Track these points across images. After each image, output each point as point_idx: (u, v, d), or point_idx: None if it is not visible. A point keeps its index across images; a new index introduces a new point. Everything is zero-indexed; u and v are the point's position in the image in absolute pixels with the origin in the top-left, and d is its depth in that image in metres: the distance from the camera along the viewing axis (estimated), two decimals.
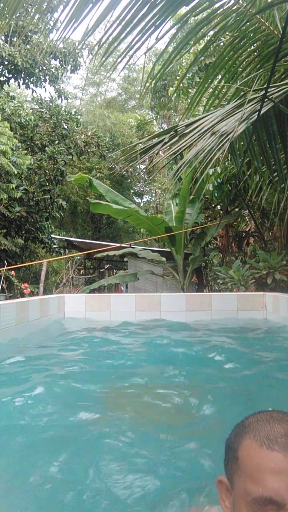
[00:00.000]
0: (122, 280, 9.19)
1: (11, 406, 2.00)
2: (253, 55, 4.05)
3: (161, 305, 5.58)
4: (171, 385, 2.44)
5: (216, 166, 7.24)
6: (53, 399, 2.13)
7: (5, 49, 11.06)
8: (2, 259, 10.38)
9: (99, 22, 2.44)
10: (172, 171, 7.82)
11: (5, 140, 8.68)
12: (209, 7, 3.03)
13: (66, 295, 5.92)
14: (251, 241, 10.27)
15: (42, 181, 11.02)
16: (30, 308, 4.54)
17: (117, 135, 19.53)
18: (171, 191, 10.70)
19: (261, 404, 2.06)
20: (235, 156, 4.13)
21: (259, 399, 2.21)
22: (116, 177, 19.21)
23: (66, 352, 3.55)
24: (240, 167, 4.31)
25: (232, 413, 1.90)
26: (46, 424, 1.82)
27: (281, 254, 6.82)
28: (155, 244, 14.38)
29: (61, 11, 2.41)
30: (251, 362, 3.02)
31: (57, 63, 12.46)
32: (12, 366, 2.95)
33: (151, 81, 3.92)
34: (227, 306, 5.51)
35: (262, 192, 6.77)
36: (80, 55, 12.94)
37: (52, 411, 1.97)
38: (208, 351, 3.32)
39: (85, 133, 12.06)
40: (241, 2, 3.35)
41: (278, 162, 3.65)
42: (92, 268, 17.50)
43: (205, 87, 4.06)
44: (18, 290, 10.23)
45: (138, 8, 2.47)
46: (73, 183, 15.06)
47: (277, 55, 2.66)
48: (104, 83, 25.64)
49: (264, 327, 4.85)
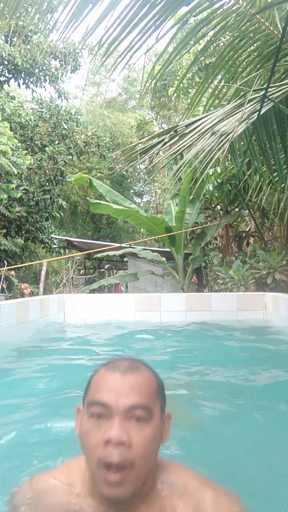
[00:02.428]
0: (122, 280, 9.19)
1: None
2: (253, 55, 4.04)
3: (161, 305, 5.58)
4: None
5: (216, 166, 7.23)
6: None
7: (5, 49, 11.06)
8: (2, 259, 10.39)
9: (99, 22, 2.44)
10: (172, 171, 7.82)
11: (5, 140, 8.69)
12: (209, 7, 3.03)
13: (66, 295, 5.92)
14: (251, 241, 10.27)
15: (42, 181, 11.02)
16: (30, 308, 4.54)
17: (117, 135, 19.52)
18: (171, 191, 10.69)
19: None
20: (235, 156, 4.13)
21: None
22: (116, 177, 19.21)
23: (65, 354, 3.55)
24: (240, 167, 4.31)
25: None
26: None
27: (281, 254, 6.82)
28: (155, 244, 14.38)
29: (61, 11, 2.41)
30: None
31: (57, 63, 12.46)
32: (12, 365, 2.95)
33: (151, 81, 3.91)
34: (227, 306, 5.51)
35: (262, 192, 6.76)
36: (80, 55, 12.94)
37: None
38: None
39: (85, 133, 12.06)
40: (241, 2, 3.35)
41: (278, 162, 3.65)
42: (92, 268, 17.50)
43: (205, 87, 4.06)
44: (18, 290, 10.23)
45: (138, 8, 2.47)
46: (73, 183, 15.05)
47: (277, 55, 2.66)
48: (104, 83, 25.66)
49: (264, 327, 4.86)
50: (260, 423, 1.84)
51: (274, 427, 1.79)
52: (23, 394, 2.30)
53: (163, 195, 18.77)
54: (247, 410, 1.99)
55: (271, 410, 1.99)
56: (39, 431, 1.69)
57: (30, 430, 1.68)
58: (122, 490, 0.79)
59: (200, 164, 3.15)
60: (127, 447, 0.79)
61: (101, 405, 0.82)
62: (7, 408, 2.06)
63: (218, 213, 10.02)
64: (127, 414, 0.81)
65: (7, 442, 1.57)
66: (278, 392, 2.32)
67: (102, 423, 0.82)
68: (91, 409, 0.84)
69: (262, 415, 1.90)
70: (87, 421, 0.84)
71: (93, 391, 0.86)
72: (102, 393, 0.84)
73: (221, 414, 1.96)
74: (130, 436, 0.80)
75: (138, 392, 0.84)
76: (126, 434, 0.79)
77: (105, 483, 0.79)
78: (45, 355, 3.40)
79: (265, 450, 1.57)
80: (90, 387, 0.89)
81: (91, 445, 0.81)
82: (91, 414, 0.83)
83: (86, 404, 0.86)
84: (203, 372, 2.84)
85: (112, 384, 0.85)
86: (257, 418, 1.88)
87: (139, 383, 0.86)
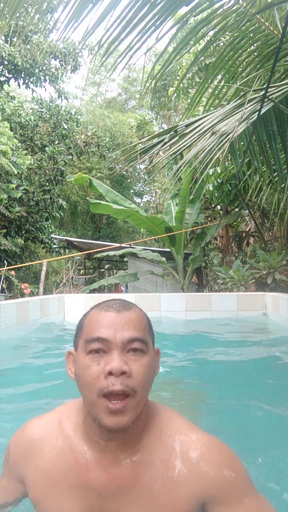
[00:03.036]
0: (122, 280, 9.19)
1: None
2: (253, 55, 4.04)
3: (161, 305, 5.58)
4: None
5: (216, 166, 7.24)
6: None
7: (5, 49, 11.05)
8: (2, 259, 10.38)
9: (99, 22, 2.44)
10: (172, 171, 7.82)
11: (5, 140, 8.68)
12: (209, 7, 3.03)
13: (66, 295, 5.92)
14: (251, 241, 10.27)
15: (42, 181, 11.01)
16: (30, 308, 4.54)
17: (117, 135, 19.52)
18: (171, 191, 10.69)
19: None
20: (235, 156, 4.13)
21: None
22: (116, 177, 19.21)
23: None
24: (240, 167, 4.30)
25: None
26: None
27: (281, 254, 6.82)
28: (155, 244, 14.37)
29: (61, 11, 2.41)
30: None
31: (57, 63, 12.46)
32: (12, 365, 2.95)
33: (151, 81, 3.91)
34: (227, 306, 5.51)
35: (262, 192, 6.76)
36: (80, 55, 12.94)
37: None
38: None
39: (85, 133, 12.05)
40: (241, 2, 3.35)
41: (278, 162, 3.64)
42: (92, 268, 17.49)
43: (205, 87, 4.06)
44: (18, 290, 10.24)
45: (138, 8, 2.47)
46: (73, 183, 15.06)
47: (277, 55, 2.66)
48: (104, 83, 25.65)
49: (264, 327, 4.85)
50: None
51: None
52: (23, 394, 2.30)
53: (163, 195, 18.77)
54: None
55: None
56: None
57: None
58: (124, 418, 0.83)
59: (200, 164, 3.15)
60: (128, 376, 0.84)
61: (100, 341, 0.86)
62: (7, 408, 2.06)
63: (218, 213, 10.02)
64: (125, 347, 0.86)
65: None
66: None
67: (101, 357, 0.86)
68: (90, 345, 0.87)
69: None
70: (84, 358, 0.87)
71: (90, 330, 0.89)
72: (100, 330, 0.87)
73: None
74: (129, 366, 0.85)
75: (133, 327, 0.89)
76: (126, 365, 0.84)
77: (107, 413, 0.83)
78: (45, 355, 3.40)
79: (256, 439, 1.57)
80: (84, 328, 0.92)
81: (91, 378, 0.85)
82: (90, 350, 0.87)
83: (83, 342, 0.89)
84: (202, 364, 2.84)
85: (110, 320, 0.89)
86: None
87: (133, 319, 0.91)
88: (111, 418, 0.83)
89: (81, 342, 0.91)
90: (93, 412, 0.86)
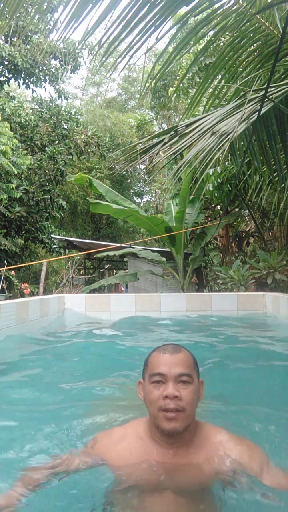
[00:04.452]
0: (122, 280, 9.19)
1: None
2: (253, 55, 4.05)
3: (161, 305, 5.58)
4: None
5: (216, 166, 7.24)
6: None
7: (5, 49, 11.05)
8: (2, 259, 10.38)
9: (99, 22, 2.44)
10: (172, 171, 7.82)
11: (5, 140, 8.68)
12: (209, 7, 3.03)
13: (66, 295, 5.92)
14: (251, 241, 10.27)
15: (42, 181, 11.01)
16: (30, 308, 4.54)
17: (117, 135, 19.52)
18: (171, 191, 10.70)
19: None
20: (235, 156, 4.13)
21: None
22: (116, 177, 19.21)
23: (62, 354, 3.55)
24: (240, 167, 4.31)
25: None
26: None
27: (281, 254, 6.82)
28: (155, 244, 14.38)
29: (61, 11, 2.41)
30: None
31: (57, 63, 12.46)
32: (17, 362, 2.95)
33: (151, 81, 3.91)
34: (227, 306, 5.51)
35: (262, 192, 6.76)
36: (80, 55, 12.94)
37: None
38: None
39: (85, 133, 12.05)
40: (241, 2, 3.35)
41: (278, 162, 3.65)
42: (92, 268, 17.50)
43: (205, 87, 4.06)
44: (18, 290, 10.24)
45: (138, 8, 2.47)
46: (73, 183, 15.06)
47: (277, 55, 2.67)
48: (104, 83, 25.66)
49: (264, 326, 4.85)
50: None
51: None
52: (23, 394, 2.30)
53: (163, 195, 18.79)
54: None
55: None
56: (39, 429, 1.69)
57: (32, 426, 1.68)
58: (177, 424, 1.21)
59: (200, 164, 3.15)
60: (179, 399, 1.22)
61: (160, 375, 1.26)
62: (7, 408, 2.06)
63: (218, 213, 10.02)
64: (177, 379, 1.25)
65: (5, 438, 1.57)
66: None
67: (160, 385, 1.25)
68: (153, 378, 1.27)
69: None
70: (149, 386, 1.27)
71: (152, 367, 1.29)
72: (159, 367, 1.27)
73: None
74: (180, 392, 1.23)
75: (182, 365, 1.27)
76: (178, 391, 1.23)
77: (165, 420, 1.22)
78: (45, 355, 3.40)
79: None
80: (148, 365, 1.32)
81: (154, 399, 1.24)
82: (153, 381, 1.26)
83: (148, 376, 1.29)
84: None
85: (165, 360, 1.28)
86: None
87: (182, 359, 1.29)
88: (168, 423, 1.21)
89: (147, 375, 1.31)
90: (156, 421, 1.25)
